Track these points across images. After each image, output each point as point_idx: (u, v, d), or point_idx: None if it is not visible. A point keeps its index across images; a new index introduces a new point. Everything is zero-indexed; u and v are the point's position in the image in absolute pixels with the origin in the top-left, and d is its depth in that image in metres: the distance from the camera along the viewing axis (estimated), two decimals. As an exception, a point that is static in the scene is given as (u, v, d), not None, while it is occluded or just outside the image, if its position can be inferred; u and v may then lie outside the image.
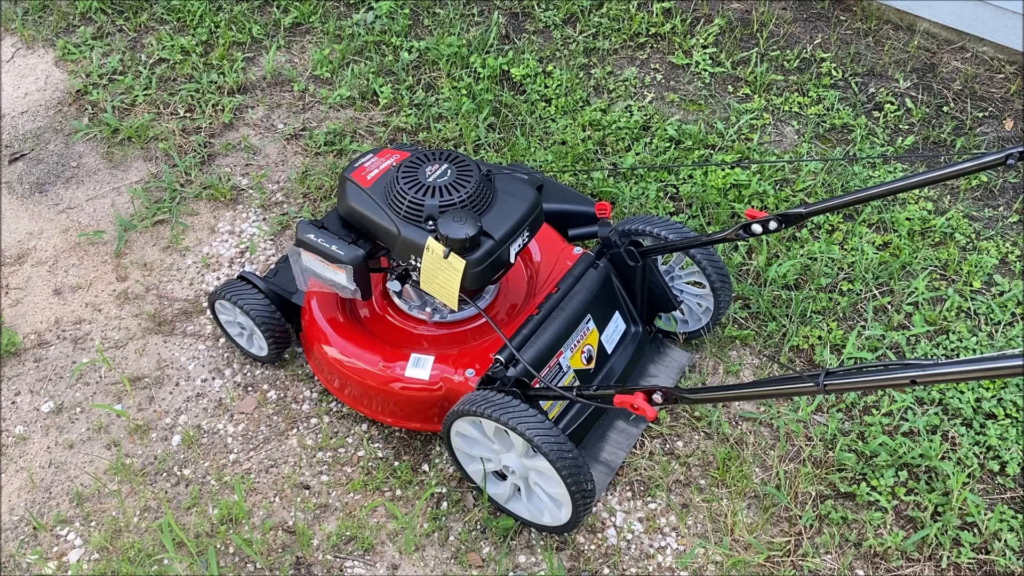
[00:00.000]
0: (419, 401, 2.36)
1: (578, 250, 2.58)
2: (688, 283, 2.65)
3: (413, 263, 2.21)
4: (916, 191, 3.20)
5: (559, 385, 2.32)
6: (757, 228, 2.27)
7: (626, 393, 1.96)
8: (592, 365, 2.44)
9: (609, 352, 2.50)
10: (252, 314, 2.53)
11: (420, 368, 2.33)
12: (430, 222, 2.17)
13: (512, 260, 2.24)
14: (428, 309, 2.46)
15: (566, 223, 2.67)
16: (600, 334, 2.47)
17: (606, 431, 2.51)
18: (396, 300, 2.50)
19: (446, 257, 2.11)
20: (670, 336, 2.70)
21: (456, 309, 2.33)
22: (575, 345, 2.39)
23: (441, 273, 2.15)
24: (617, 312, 2.54)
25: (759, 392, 1.80)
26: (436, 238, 2.13)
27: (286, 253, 2.91)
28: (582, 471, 2.07)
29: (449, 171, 2.23)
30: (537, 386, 2.23)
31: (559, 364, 2.35)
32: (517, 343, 2.27)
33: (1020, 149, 1.95)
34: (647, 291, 2.58)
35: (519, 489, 2.30)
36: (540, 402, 2.25)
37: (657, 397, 1.91)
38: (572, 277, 2.45)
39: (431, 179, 2.21)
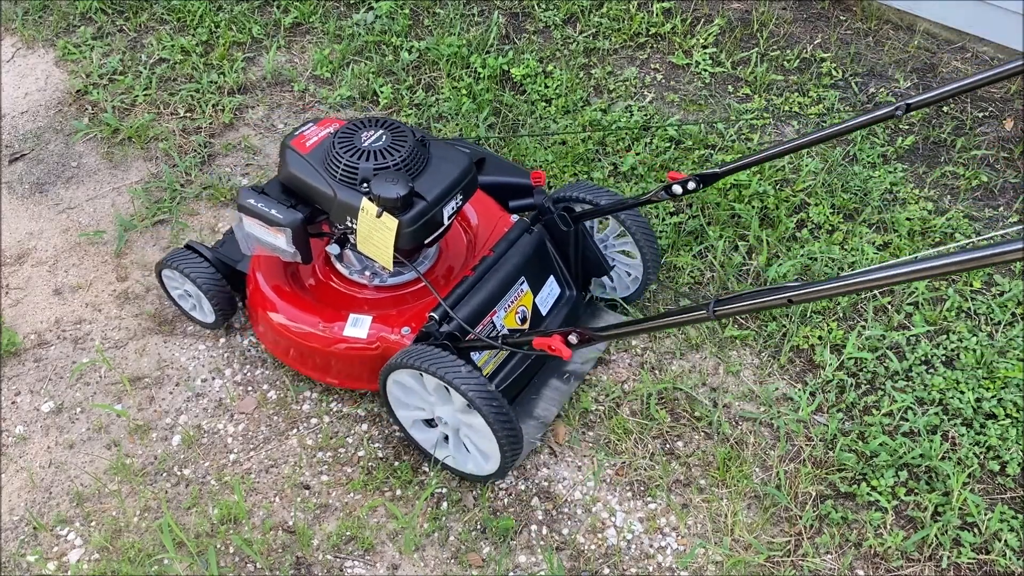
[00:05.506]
0: (359, 359, 2.45)
1: (515, 218, 2.67)
2: (619, 252, 2.77)
3: (349, 225, 2.27)
4: (916, 192, 3.21)
5: None
6: (678, 189, 2.38)
7: (544, 336, 2.09)
8: (526, 326, 2.53)
9: (544, 314, 2.59)
10: (199, 282, 2.61)
11: (358, 328, 2.42)
12: (364, 184, 2.22)
13: (446, 222, 2.31)
14: (368, 273, 2.54)
15: (506, 195, 2.75)
16: (535, 296, 2.55)
17: (540, 389, 2.61)
18: (337, 265, 2.57)
19: (379, 216, 2.17)
20: (610, 302, 2.83)
21: (391, 269, 2.41)
22: (509, 305, 2.47)
23: (375, 233, 2.21)
24: (552, 276, 2.62)
25: (658, 324, 1.94)
26: (370, 199, 2.18)
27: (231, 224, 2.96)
28: (508, 418, 2.18)
29: (384, 136, 2.30)
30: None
31: (493, 323, 2.43)
32: (451, 302, 2.36)
33: (908, 102, 2.06)
34: (581, 256, 2.67)
35: (447, 438, 2.41)
36: (474, 358, 2.36)
37: (572, 338, 2.05)
38: (507, 241, 2.55)
39: (366, 144, 2.28)
